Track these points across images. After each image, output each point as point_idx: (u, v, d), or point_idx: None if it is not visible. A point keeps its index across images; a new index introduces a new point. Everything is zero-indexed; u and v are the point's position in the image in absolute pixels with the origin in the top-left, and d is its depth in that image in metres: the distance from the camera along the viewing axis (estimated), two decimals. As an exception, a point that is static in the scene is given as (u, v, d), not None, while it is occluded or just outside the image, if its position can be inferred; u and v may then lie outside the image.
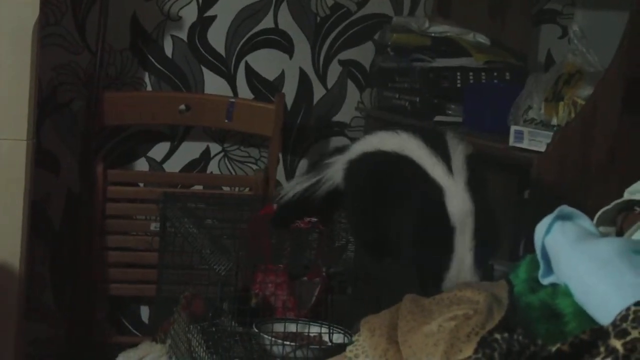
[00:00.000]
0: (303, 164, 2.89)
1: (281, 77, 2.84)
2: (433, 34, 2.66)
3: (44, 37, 2.59)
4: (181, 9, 2.75)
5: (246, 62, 2.81)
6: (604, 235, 1.56)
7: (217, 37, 2.78)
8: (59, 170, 2.72)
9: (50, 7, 2.63)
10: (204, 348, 1.76)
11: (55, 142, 2.71)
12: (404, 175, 1.79)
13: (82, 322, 2.63)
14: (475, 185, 1.74)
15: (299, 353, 1.67)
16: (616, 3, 2.49)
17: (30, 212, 2.31)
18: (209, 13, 2.77)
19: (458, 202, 1.71)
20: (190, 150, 2.81)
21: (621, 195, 1.67)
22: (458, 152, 1.78)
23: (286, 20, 2.82)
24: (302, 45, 2.84)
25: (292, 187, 2.03)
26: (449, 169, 1.75)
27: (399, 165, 1.80)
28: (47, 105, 2.68)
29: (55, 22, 2.67)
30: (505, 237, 2.48)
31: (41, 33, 2.37)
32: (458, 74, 2.55)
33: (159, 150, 2.79)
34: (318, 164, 2.03)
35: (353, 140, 2.81)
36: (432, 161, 1.76)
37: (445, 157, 1.76)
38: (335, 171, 1.95)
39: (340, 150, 2.01)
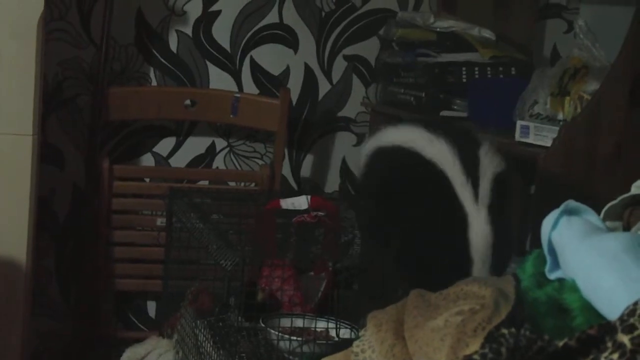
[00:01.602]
0: (309, 159, 2.89)
1: (286, 72, 2.84)
2: (438, 29, 2.65)
3: (49, 32, 2.59)
4: (186, 4, 2.75)
5: (251, 57, 2.81)
6: (611, 229, 1.56)
7: (222, 32, 2.78)
8: (64, 165, 2.73)
9: (55, 2, 2.64)
10: (211, 343, 1.76)
11: (61, 138, 2.71)
12: (431, 187, 1.74)
13: (89, 317, 2.64)
14: (498, 211, 1.71)
15: (305, 348, 1.67)
16: (622, -3, 2.49)
17: (36, 207, 2.31)
18: (214, 8, 2.77)
19: (480, 234, 1.69)
20: (195, 146, 2.82)
21: (628, 190, 1.66)
22: (489, 172, 1.74)
23: (291, 16, 2.82)
24: (307, 41, 2.84)
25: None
26: (476, 194, 1.71)
27: (429, 174, 1.74)
28: (52, 100, 2.68)
29: (60, 17, 2.67)
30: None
31: (46, 28, 2.37)
32: (463, 69, 2.54)
33: (164, 146, 2.79)
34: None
35: (361, 135, 2.83)
36: (461, 182, 1.71)
37: (474, 178, 1.72)
38: (362, 154, 1.92)
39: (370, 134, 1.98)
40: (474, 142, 1.79)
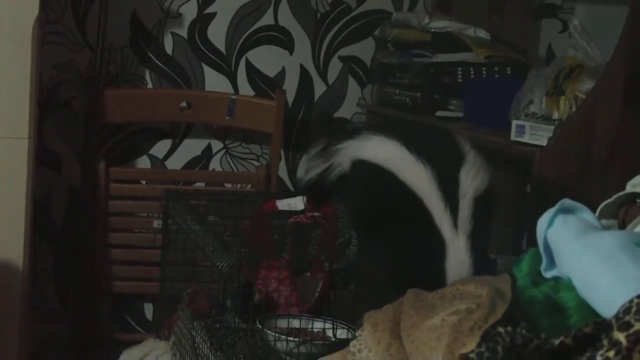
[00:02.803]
0: (305, 160, 2.88)
1: (282, 74, 2.84)
2: (433, 30, 2.66)
3: (45, 35, 2.59)
4: (181, 6, 2.75)
5: (247, 59, 2.81)
6: (606, 228, 1.56)
7: (217, 34, 2.79)
8: (60, 168, 2.72)
9: (51, 5, 2.63)
10: (208, 345, 1.76)
11: (57, 141, 2.71)
12: (409, 213, 1.73)
13: (86, 320, 2.64)
14: (477, 237, 1.70)
15: (302, 349, 1.67)
16: (616, -3, 2.49)
17: (32, 210, 2.31)
18: (209, 10, 2.77)
19: (458, 263, 1.68)
20: (191, 148, 2.82)
21: (623, 188, 1.67)
22: (469, 194, 1.72)
23: (286, 17, 2.82)
24: (302, 42, 2.84)
25: (307, 172, 2.00)
26: (455, 220, 1.69)
27: (406, 201, 1.73)
28: (48, 103, 2.68)
29: (56, 20, 2.67)
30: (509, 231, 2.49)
31: (41, 31, 2.37)
32: (459, 69, 2.55)
33: (160, 148, 2.79)
34: (329, 147, 1.99)
35: (358, 127, 2.82)
36: (440, 209, 1.70)
37: (454, 203, 1.70)
38: (344, 158, 1.92)
39: (350, 135, 1.98)
40: (456, 159, 1.77)
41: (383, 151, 1.82)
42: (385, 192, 1.79)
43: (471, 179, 1.74)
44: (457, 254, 1.70)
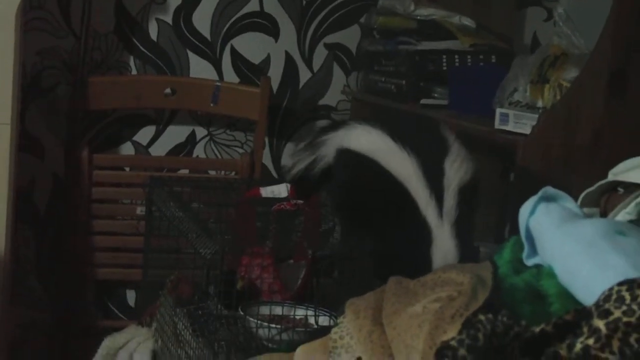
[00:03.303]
0: (289, 148, 2.88)
1: (267, 61, 2.83)
2: (419, 17, 2.65)
3: (28, 21, 2.57)
4: (166, -8, 2.74)
5: (231, 46, 2.80)
6: (588, 216, 1.57)
7: (202, 20, 2.77)
8: (44, 155, 2.71)
9: (34, -9, 2.62)
10: (190, 331, 1.76)
11: (40, 127, 2.69)
12: (395, 202, 1.74)
13: (68, 306, 2.63)
14: (462, 226, 1.71)
15: (284, 336, 1.67)
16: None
17: (15, 196, 2.30)
18: (194, -4, 2.76)
19: (443, 250, 1.69)
20: (176, 134, 2.81)
21: (605, 177, 1.67)
22: (454, 184, 1.73)
23: (272, 4, 2.81)
24: (287, 29, 2.83)
25: (294, 164, 2.00)
26: (440, 209, 1.71)
27: (392, 190, 1.74)
28: (31, 90, 2.66)
29: (39, 5, 2.65)
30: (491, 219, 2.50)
31: (25, 17, 2.35)
32: (444, 56, 2.55)
33: (144, 134, 2.78)
34: (314, 140, 2.00)
35: (344, 118, 2.82)
36: (425, 197, 1.71)
37: (439, 192, 1.71)
38: (329, 151, 1.92)
39: (335, 126, 1.98)
40: (440, 149, 1.78)
41: (367, 140, 1.82)
42: (370, 181, 1.79)
43: (455, 169, 1.75)
44: (443, 242, 1.71)
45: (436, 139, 1.81)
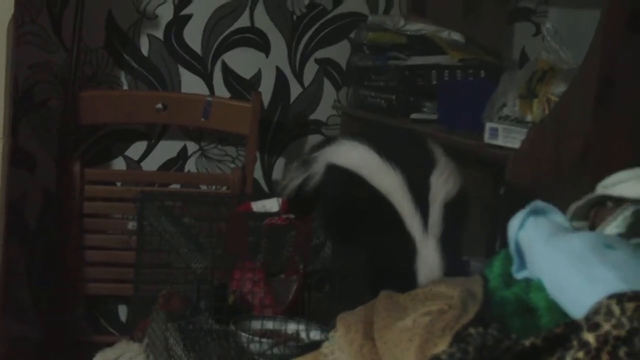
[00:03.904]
0: (280, 162, 2.89)
1: (258, 76, 2.84)
2: (408, 32, 2.67)
3: (20, 35, 2.58)
4: (157, 7, 2.75)
5: (223, 61, 2.81)
6: (577, 229, 1.57)
7: (193, 35, 2.78)
8: (35, 169, 2.71)
9: (25, 5, 2.62)
10: (181, 346, 1.76)
11: (32, 141, 2.70)
12: (380, 217, 1.75)
13: (59, 321, 2.62)
14: (449, 238, 1.72)
15: (276, 350, 1.68)
16: (588, 1, 2.51)
17: (6, 211, 2.29)
18: (185, 12, 2.77)
19: (428, 263, 1.70)
20: (167, 149, 2.81)
21: (594, 190, 1.68)
22: (439, 199, 1.74)
23: (262, 19, 2.83)
24: (278, 44, 2.85)
25: (288, 183, 2.02)
26: (425, 223, 1.72)
27: (377, 205, 1.75)
28: (23, 104, 2.67)
29: (31, 20, 2.66)
30: (482, 233, 2.50)
31: (16, 31, 2.36)
32: (433, 71, 2.56)
33: (136, 149, 2.79)
34: (308, 156, 2.01)
35: (335, 135, 2.83)
36: (410, 212, 1.72)
37: (424, 206, 1.72)
38: (320, 168, 1.93)
39: (324, 143, 1.99)
40: (427, 164, 1.79)
41: (353, 156, 1.84)
42: (356, 196, 1.80)
43: (442, 184, 1.76)
44: (427, 256, 1.71)
45: (423, 154, 1.82)
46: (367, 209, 1.77)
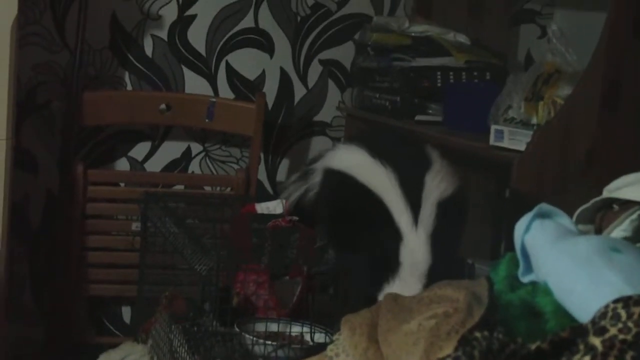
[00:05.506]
0: (284, 164, 2.89)
1: (262, 77, 2.84)
2: (413, 34, 2.66)
3: (23, 36, 2.58)
4: (161, 8, 2.74)
5: (227, 62, 2.81)
6: (583, 233, 1.57)
7: (197, 36, 2.78)
8: (38, 170, 2.71)
9: (29, 6, 2.62)
10: (186, 348, 1.76)
11: (35, 142, 2.69)
12: (369, 214, 1.81)
13: (63, 323, 2.62)
14: (441, 239, 1.76)
15: (280, 352, 1.67)
16: (594, 3, 2.51)
17: (9, 212, 2.29)
18: (189, 12, 2.77)
19: (413, 256, 1.74)
20: (171, 150, 2.81)
21: (600, 193, 1.68)
22: (432, 197, 1.79)
23: (267, 20, 2.82)
24: (282, 45, 2.84)
25: (287, 197, 2.05)
26: (416, 218, 1.76)
27: (366, 203, 1.81)
28: (26, 105, 2.66)
29: (34, 21, 2.66)
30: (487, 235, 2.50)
31: (20, 32, 2.36)
32: (438, 73, 2.55)
33: (139, 150, 2.78)
34: (306, 169, 2.05)
35: (334, 141, 2.84)
36: (400, 208, 1.77)
37: (416, 203, 1.78)
38: (318, 177, 1.97)
39: (321, 155, 2.03)
40: (422, 164, 1.85)
41: (346, 158, 1.90)
42: (349, 195, 1.85)
43: (436, 183, 1.81)
44: (414, 248, 1.75)
45: (419, 155, 1.89)
46: (359, 207, 1.82)
